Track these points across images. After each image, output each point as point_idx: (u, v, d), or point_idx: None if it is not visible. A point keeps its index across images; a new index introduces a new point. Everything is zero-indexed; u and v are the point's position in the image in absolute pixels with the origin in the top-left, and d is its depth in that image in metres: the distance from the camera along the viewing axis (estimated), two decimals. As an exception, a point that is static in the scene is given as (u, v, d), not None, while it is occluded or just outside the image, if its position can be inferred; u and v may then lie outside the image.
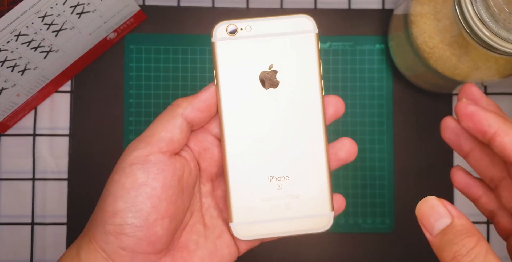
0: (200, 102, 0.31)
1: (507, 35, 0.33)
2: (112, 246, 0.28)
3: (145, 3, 0.48)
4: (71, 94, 0.48)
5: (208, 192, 0.33)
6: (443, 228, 0.26)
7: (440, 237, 0.26)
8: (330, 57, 0.48)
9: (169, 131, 0.30)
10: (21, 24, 0.37)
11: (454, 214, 0.26)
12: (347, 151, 0.33)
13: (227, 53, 0.31)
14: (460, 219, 0.26)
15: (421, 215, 0.27)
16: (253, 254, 0.47)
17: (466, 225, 0.26)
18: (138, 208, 0.28)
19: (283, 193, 0.31)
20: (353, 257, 0.47)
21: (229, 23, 0.31)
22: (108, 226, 0.28)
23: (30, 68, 0.42)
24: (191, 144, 0.32)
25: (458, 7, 0.35)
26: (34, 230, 0.47)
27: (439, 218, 0.26)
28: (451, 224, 0.26)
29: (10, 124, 0.47)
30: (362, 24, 0.49)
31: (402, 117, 0.48)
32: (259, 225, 0.31)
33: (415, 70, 0.44)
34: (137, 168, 0.29)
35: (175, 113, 0.30)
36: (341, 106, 0.32)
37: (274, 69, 0.31)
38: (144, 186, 0.29)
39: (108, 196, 0.29)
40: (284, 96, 0.31)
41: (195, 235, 0.32)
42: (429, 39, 0.39)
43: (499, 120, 0.28)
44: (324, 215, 0.31)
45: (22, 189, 0.47)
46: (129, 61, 0.48)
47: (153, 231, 0.29)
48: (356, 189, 0.47)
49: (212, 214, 0.33)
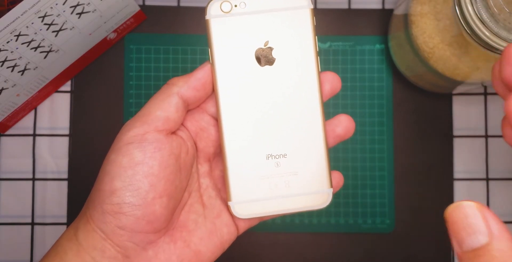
0: (196, 80, 0.30)
1: (507, 35, 0.33)
2: (110, 226, 0.28)
3: (145, 3, 0.48)
4: (71, 94, 0.48)
5: (206, 172, 0.33)
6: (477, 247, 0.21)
7: (471, 256, 0.21)
8: (330, 57, 0.48)
9: (165, 109, 0.30)
10: (21, 24, 0.37)
11: (494, 232, 0.21)
12: (345, 127, 0.32)
13: (222, 30, 0.31)
14: (500, 242, 0.21)
15: (451, 221, 0.22)
16: (253, 254, 0.47)
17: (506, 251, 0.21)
18: (135, 186, 0.28)
19: (282, 171, 0.31)
20: (353, 257, 0.47)
21: (223, 0, 0.31)
22: (105, 205, 0.28)
23: (30, 68, 0.42)
24: (188, 124, 0.32)
25: (458, 7, 0.35)
26: (34, 230, 0.47)
27: (472, 233, 0.21)
28: (487, 245, 0.21)
29: (10, 124, 0.47)
30: (362, 24, 0.49)
31: (402, 117, 0.48)
32: (258, 203, 0.31)
33: (415, 70, 0.44)
34: (134, 146, 0.29)
35: (170, 92, 0.30)
36: (337, 82, 0.32)
37: (269, 46, 0.31)
38: (141, 165, 0.28)
39: (105, 175, 0.29)
40: (280, 73, 0.31)
41: (194, 214, 0.32)
42: (429, 39, 0.39)
43: None
44: (323, 192, 0.31)
45: (22, 189, 0.47)
46: (129, 61, 0.48)
47: (151, 210, 0.28)
48: (356, 189, 0.47)
49: (210, 194, 0.32)
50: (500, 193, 0.48)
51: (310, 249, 0.47)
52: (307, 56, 0.31)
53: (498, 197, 0.48)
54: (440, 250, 0.47)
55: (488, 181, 0.48)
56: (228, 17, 0.31)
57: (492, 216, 0.21)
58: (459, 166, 0.48)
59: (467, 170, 0.48)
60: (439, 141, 0.48)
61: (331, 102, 0.48)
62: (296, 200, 0.31)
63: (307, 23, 0.31)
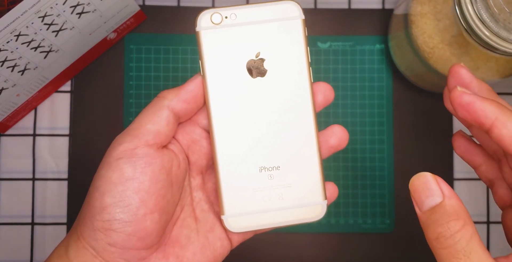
0: (186, 93, 0.30)
1: (507, 35, 0.33)
2: (101, 243, 0.28)
3: (145, 3, 0.48)
4: (71, 94, 0.48)
5: (199, 186, 0.32)
6: (433, 206, 0.26)
7: (428, 214, 0.26)
8: (330, 57, 0.48)
9: (155, 123, 0.29)
10: (21, 24, 0.37)
11: (446, 193, 0.26)
12: (338, 138, 0.32)
13: (213, 42, 0.30)
14: (451, 200, 0.26)
15: (413, 189, 0.27)
16: (253, 254, 0.47)
17: (455, 206, 0.25)
18: (126, 203, 0.28)
19: (275, 183, 0.31)
20: (353, 257, 0.47)
21: (213, 12, 0.30)
22: (96, 222, 0.28)
23: (30, 68, 0.42)
24: (179, 137, 0.31)
25: (458, 7, 0.35)
26: (34, 230, 0.47)
27: (430, 195, 0.26)
28: (441, 203, 0.26)
29: (10, 125, 0.47)
30: (362, 24, 0.49)
31: (402, 117, 0.48)
32: (252, 217, 0.31)
33: (415, 70, 0.44)
34: (124, 162, 0.28)
35: (161, 105, 0.30)
36: (330, 92, 0.32)
37: (261, 58, 0.31)
38: (131, 180, 0.28)
39: (95, 191, 0.29)
40: (272, 84, 0.31)
41: (187, 229, 0.31)
42: (429, 39, 0.39)
43: (496, 110, 0.27)
44: (317, 204, 0.31)
45: (22, 189, 0.47)
46: (129, 61, 0.48)
47: (142, 226, 0.28)
48: (356, 189, 0.47)
49: (203, 207, 0.32)
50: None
51: (310, 249, 0.47)
52: (299, 67, 0.31)
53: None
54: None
55: (488, 181, 0.48)
56: (218, 28, 0.30)
57: (444, 183, 0.26)
58: (459, 166, 0.48)
59: (467, 170, 0.48)
60: (439, 141, 0.48)
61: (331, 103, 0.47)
62: (290, 212, 0.31)
63: (299, 34, 0.31)
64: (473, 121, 0.27)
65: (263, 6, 0.30)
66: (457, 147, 0.33)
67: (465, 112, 0.27)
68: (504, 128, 0.27)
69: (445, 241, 0.25)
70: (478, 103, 0.27)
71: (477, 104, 0.27)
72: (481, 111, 0.27)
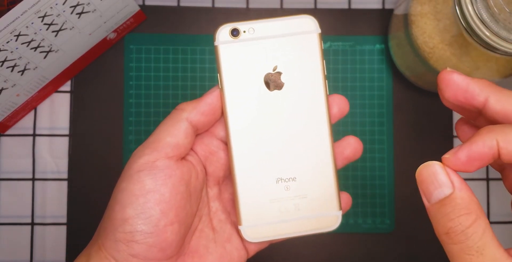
0: (205, 106, 0.31)
1: (507, 35, 0.33)
2: (123, 254, 0.28)
3: (145, 3, 0.48)
4: (71, 94, 0.48)
5: (216, 196, 0.33)
6: (442, 198, 0.24)
7: (437, 207, 0.24)
8: (330, 57, 0.48)
9: (174, 135, 0.30)
10: (21, 24, 0.37)
11: (456, 185, 0.24)
12: (353, 149, 0.33)
13: (231, 56, 0.31)
14: (462, 191, 0.24)
15: (421, 180, 0.25)
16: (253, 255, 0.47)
17: (466, 199, 0.24)
18: (147, 214, 0.28)
19: (291, 194, 0.31)
20: (353, 257, 0.47)
21: (232, 26, 0.31)
22: (118, 234, 0.28)
23: (30, 68, 0.42)
24: (197, 148, 0.32)
25: (458, 7, 0.34)
26: (34, 230, 0.47)
27: (439, 186, 0.24)
28: (451, 195, 0.24)
29: (10, 125, 0.47)
30: (362, 24, 0.49)
31: (402, 117, 0.48)
32: (269, 227, 0.31)
33: (415, 70, 0.44)
34: (145, 174, 0.29)
35: (180, 117, 0.30)
36: (345, 105, 0.32)
37: (278, 71, 0.31)
38: (152, 192, 0.29)
39: (116, 204, 0.29)
40: (289, 97, 0.31)
41: (205, 239, 0.32)
42: (429, 39, 0.39)
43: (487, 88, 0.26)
44: (332, 215, 0.32)
45: (22, 189, 0.47)
46: (129, 61, 0.48)
47: (163, 237, 0.29)
48: (356, 189, 0.47)
49: (220, 217, 0.33)
50: (500, 193, 0.48)
51: (310, 249, 0.47)
52: (316, 80, 0.31)
53: (498, 197, 0.48)
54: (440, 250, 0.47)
55: (488, 181, 0.48)
56: (237, 42, 0.31)
57: (453, 172, 0.25)
58: (459, 166, 0.48)
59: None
60: (439, 141, 0.48)
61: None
62: (306, 223, 0.31)
63: (315, 48, 0.31)
64: (465, 102, 0.26)
65: (281, 21, 0.31)
66: (461, 134, 0.31)
67: (456, 92, 0.26)
68: (497, 104, 0.26)
69: (456, 236, 0.24)
70: (468, 81, 0.26)
71: (467, 83, 0.26)
72: (472, 90, 0.26)
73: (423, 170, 0.25)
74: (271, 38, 0.31)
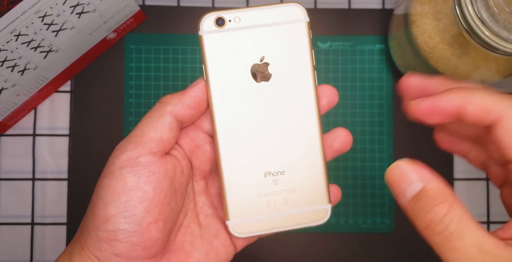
0: (190, 98, 0.30)
1: (507, 35, 0.33)
2: (105, 253, 0.28)
3: (145, 3, 0.48)
4: (71, 94, 0.48)
5: (202, 190, 0.32)
6: (415, 193, 0.25)
7: (413, 203, 0.25)
8: (330, 57, 0.48)
9: (158, 130, 0.29)
10: (21, 24, 0.37)
11: (426, 178, 0.25)
12: (342, 142, 0.32)
13: (216, 46, 0.30)
14: (432, 183, 0.24)
15: (391, 181, 0.25)
16: (253, 255, 0.47)
17: (438, 189, 0.24)
18: (130, 213, 0.28)
19: (280, 188, 0.30)
20: (353, 257, 0.47)
21: (216, 15, 0.30)
22: (100, 232, 0.28)
23: (30, 68, 0.42)
24: (182, 142, 0.31)
25: (458, 7, 0.35)
26: (34, 230, 0.47)
27: (410, 184, 0.25)
28: (423, 189, 0.24)
29: (10, 124, 0.47)
30: (362, 24, 0.49)
31: (402, 117, 0.48)
32: (257, 221, 0.30)
33: (415, 70, 0.44)
34: (127, 171, 0.28)
35: (163, 111, 0.29)
36: (335, 95, 0.31)
37: (265, 62, 0.30)
38: (135, 190, 0.28)
39: (98, 201, 0.28)
40: (277, 89, 0.30)
41: (190, 236, 0.31)
42: (429, 39, 0.39)
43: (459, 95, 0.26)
44: (322, 208, 0.31)
45: (22, 189, 0.47)
46: (129, 61, 0.48)
47: (147, 236, 0.28)
48: (356, 189, 0.47)
49: (207, 212, 0.32)
50: (500, 193, 0.48)
51: (310, 249, 0.47)
52: (304, 71, 0.30)
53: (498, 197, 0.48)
54: (440, 250, 0.47)
55: (488, 181, 0.48)
56: (222, 32, 0.30)
57: (423, 168, 0.25)
58: (459, 166, 0.48)
59: (467, 170, 0.48)
60: (439, 141, 0.48)
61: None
62: (295, 217, 0.31)
63: (303, 37, 0.30)
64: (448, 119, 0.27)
65: (267, 9, 0.30)
66: (440, 141, 0.32)
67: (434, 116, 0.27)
68: (473, 106, 0.26)
69: (436, 227, 0.24)
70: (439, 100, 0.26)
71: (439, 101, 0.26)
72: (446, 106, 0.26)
73: (391, 172, 0.26)
74: (258, 27, 0.30)
